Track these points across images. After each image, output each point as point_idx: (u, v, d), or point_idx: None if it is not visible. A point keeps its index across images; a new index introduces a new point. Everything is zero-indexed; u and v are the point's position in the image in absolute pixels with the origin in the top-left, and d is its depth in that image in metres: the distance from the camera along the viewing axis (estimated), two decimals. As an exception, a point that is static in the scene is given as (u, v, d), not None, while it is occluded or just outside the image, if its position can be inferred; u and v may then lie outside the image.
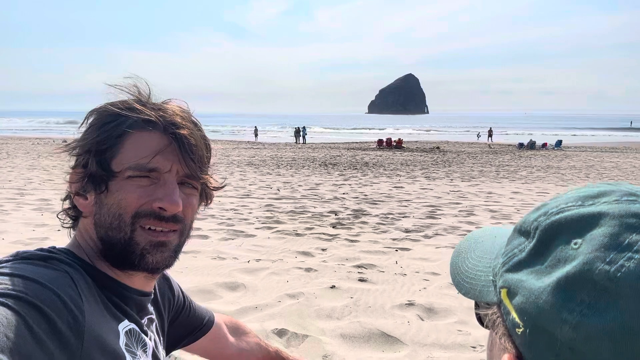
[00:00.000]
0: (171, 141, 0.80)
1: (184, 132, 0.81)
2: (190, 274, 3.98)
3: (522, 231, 0.46)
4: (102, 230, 0.79)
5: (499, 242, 0.51)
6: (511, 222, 6.78)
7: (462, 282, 0.54)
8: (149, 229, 0.79)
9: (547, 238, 0.42)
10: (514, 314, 0.42)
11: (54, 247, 0.80)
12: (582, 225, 0.40)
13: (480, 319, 0.51)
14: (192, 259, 4.43)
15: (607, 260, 0.37)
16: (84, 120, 0.83)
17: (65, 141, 0.86)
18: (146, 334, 0.85)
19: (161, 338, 0.96)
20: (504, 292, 0.44)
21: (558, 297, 0.38)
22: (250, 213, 7.11)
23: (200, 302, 3.39)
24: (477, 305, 0.52)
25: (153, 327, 0.91)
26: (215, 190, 0.94)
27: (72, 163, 0.82)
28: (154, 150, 0.78)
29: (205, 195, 0.93)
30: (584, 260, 0.38)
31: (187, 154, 0.81)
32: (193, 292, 3.52)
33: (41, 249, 0.77)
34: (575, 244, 0.39)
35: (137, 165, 0.78)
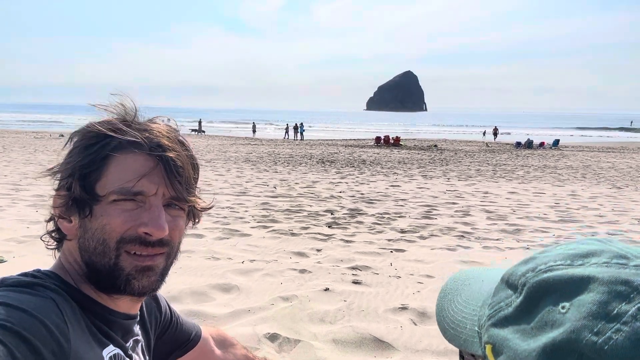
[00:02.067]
0: (157, 163, 0.79)
1: (170, 154, 0.80)
2: (184, 274, 3.98)
3: (509, 283, 0.45)
4: (86, 254, 0.79)
5: (486, 289, 0.50)
6: (506, 223, 6.81)
7: (447, 327, 0.53)
8: (135, 254, 0.78)
9: (534, 296, 0.41)
10: None
11: (38, 271, 0.79)
12: (570, 287, 0.39)
13: None
14: (187, 259, 4.42)
15: (595, 330, 0.35)
16: (68, 141, 0.82)
17: (62, 135, 0.85)
18: (131, 358, 0.84)
19: (147, 358, 0.95)
20: (489, 348, 0.43)
21: None
22: (246, 211, 7.10)
23: (193, 305, 3.39)
24: (461, 355, 0.51)
25: (138, 349, 0.91)
26: (202, 210, 0.93)
27: (56, 185, 0.82)
28: (140, 173, 0.77)
29: (193, 215, 0.93)
30: (571, 328, 0.37)
31: (174, 177, 0.80)
32: (186, 293, 3.51)
33: (25, 274, 0.76)
34: (563, 307, 0.38)
35: (122, 189, 0.77)
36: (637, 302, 0.35)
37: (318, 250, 5.00)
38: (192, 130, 37.48)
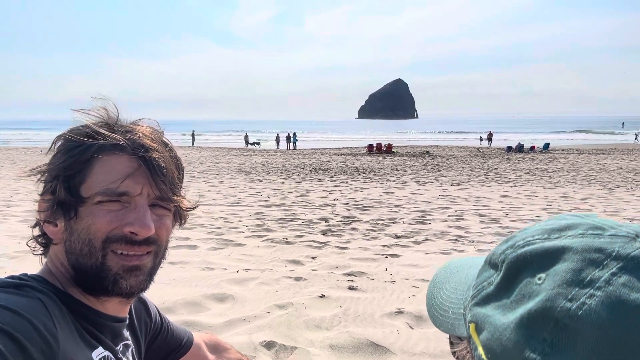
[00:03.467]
0: (140, 164, 0.79)
1: (153, 154, 0.80)
2: (178, 285, 3.95)
3: (491, 263, 0.45)
4: (73, 257, 0.78)
5: (473, 273, 0.50)
6: (500, 226, 6.84)
7: (435, 314, 0.53)
8: (121, 253, 0.78)
9: (513, 272, 0.42)
10: (480, 350, 0.41)
11: (25, 274, 0.79)
12: (546, 259, 0.39)
13: (454, 353, 0.50)
14: (180, 270, 4.39)
15: (569, 297, 0.36)
16: (51, 145, 0.82)
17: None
18: (121, 361, 0.83)
19: (138, 363, 0.94)
20: (472, 326, 0.44)
21: (521, 334, 0.37)
22: (240, 221, 7.08)
23: (188, 315, 3.36)
24: (451, 340, 0.51)
25: (129, 353, 0.89)
26: (188, 210, 0.93)
27: (41, 190, 0.81)
28: (124, 174, 0.77)
29: (179, 216, 0.92)
30: (546, 297, 0.37)
31: (158, 176, 0.80)
32: (180, 304, 3.48)
33: (12, 277, 0.76)
34: (539, 279, 0.39)
35: (107, 190, 0.76)
36: (611, 268, 0.36)
37: (313, 258, 4.99)
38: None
